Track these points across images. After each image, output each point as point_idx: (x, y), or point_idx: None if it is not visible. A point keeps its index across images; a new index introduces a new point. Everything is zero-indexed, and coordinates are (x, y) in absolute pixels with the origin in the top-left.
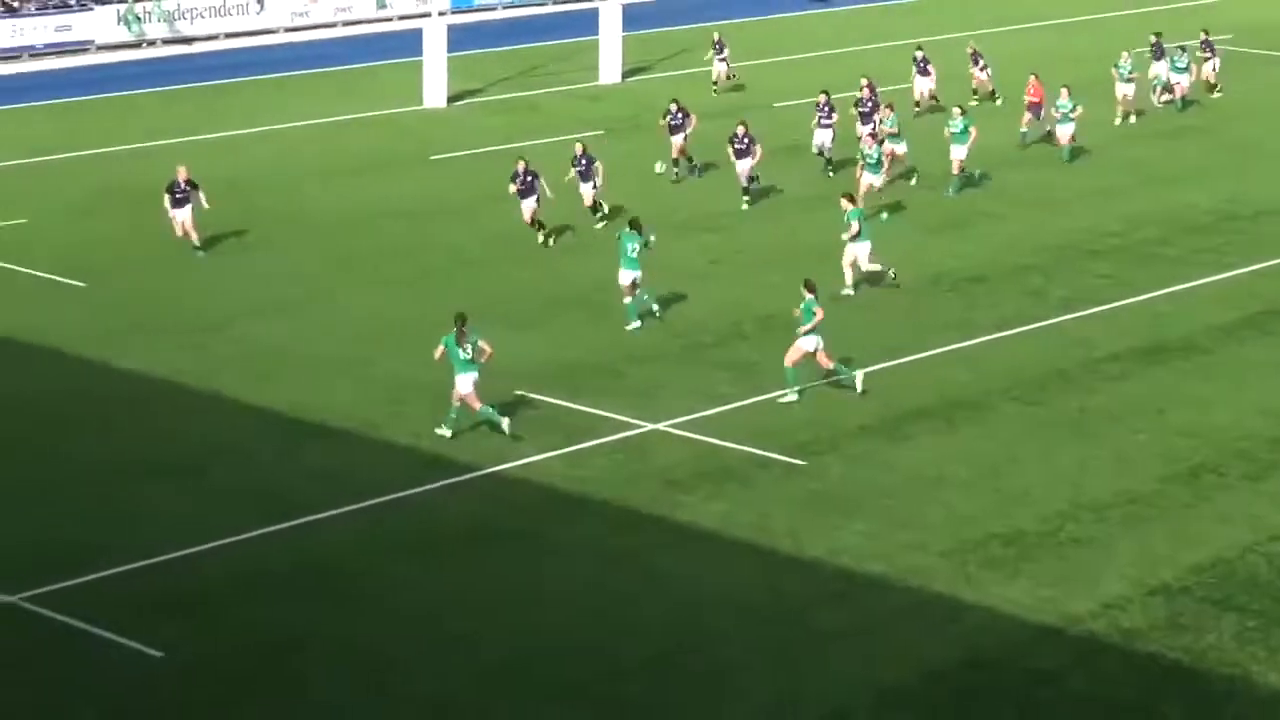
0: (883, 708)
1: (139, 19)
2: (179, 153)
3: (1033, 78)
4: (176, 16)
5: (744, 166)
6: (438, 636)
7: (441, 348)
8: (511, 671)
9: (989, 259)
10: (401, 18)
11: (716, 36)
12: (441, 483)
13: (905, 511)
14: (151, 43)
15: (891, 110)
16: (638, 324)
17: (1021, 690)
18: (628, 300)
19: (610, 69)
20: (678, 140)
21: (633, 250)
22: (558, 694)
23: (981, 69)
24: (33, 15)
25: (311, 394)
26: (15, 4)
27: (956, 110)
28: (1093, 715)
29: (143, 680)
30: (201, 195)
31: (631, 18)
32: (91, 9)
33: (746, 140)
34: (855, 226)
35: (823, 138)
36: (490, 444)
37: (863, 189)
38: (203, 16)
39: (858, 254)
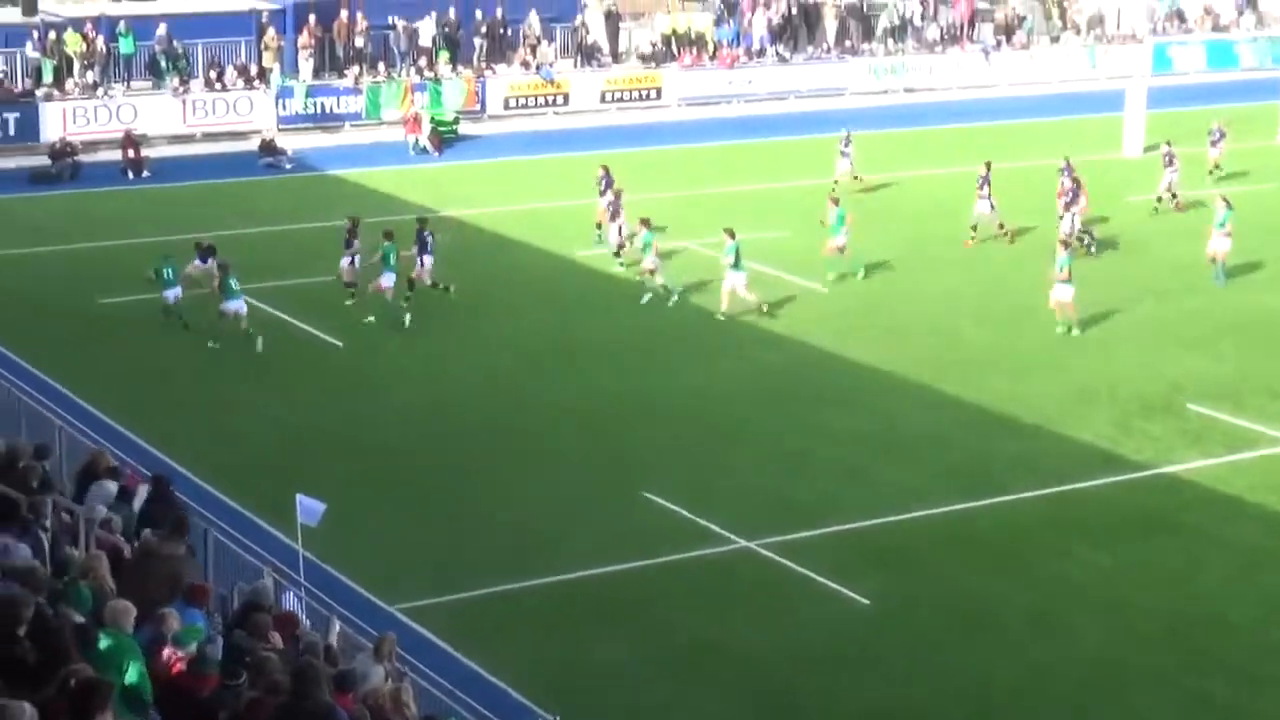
0: None
1: (888, 71)
2: (917, 184)
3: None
4: (914, 69)
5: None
6: (1105, 605)
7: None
8: (1168, 638)
9: None
10: (1109, 78)
11: (844, 133)
12: (1117, 477)
13: None
14: (894, 91)
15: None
16: None
17: None
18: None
19: None
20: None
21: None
22: (1202, 664)
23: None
24: (800, 65)
25: (1011, 390)
26: (787, 55)
27: (1221, 204)
28: None
29: (852, 622)
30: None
31: None
32: (847, 61)
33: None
34: (731, 257)
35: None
36: (1161, 447)
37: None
38: (933, 71)
39: (735, 284)
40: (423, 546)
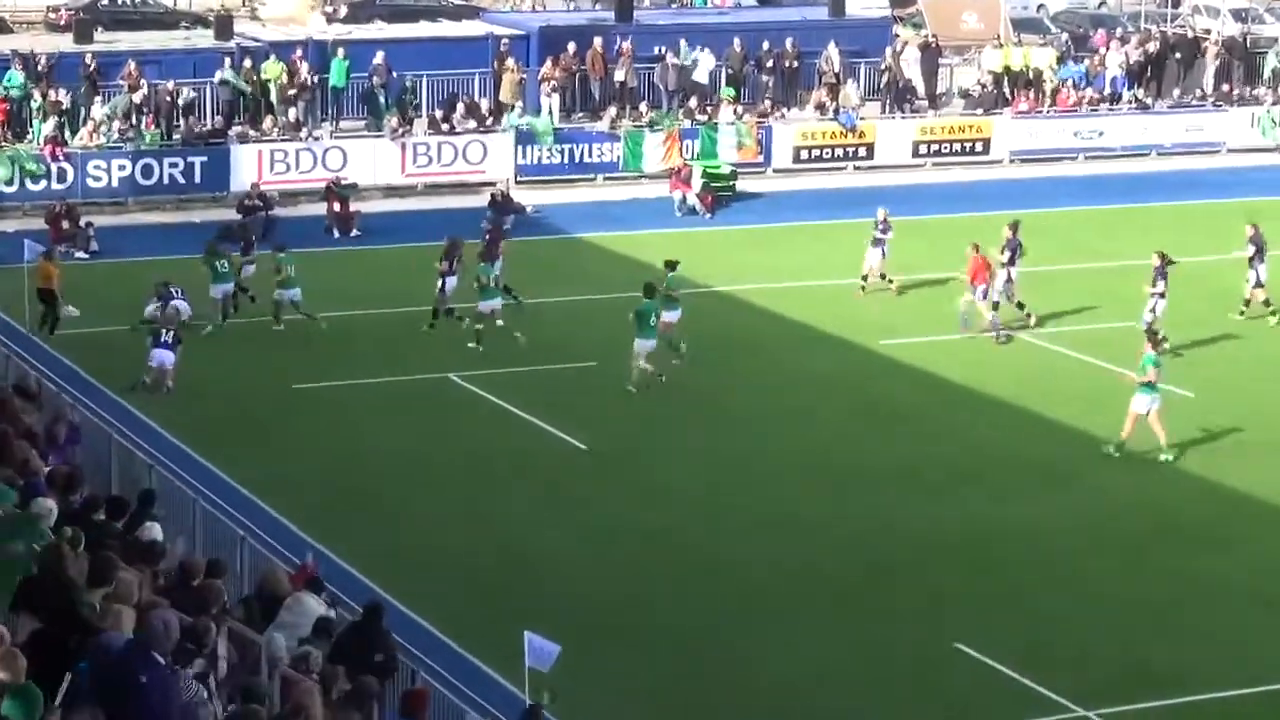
0: None
1: (1275, 124)
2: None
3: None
4: None
5: None
6: None
7: None
8: None
9: None
10: None
11: (882, 214)
12: None
13: None
14: None
15: None
16: None
17: None
18: None
19: None
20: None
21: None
22: None
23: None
24: (1164, 114)
25: None
26: (1148, 102)
27: None
28: None
29: None
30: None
31: None
32: (1225, 110)
33: None
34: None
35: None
36: None
37: None
38: None
39: (642, 349)
40: (675, 702)
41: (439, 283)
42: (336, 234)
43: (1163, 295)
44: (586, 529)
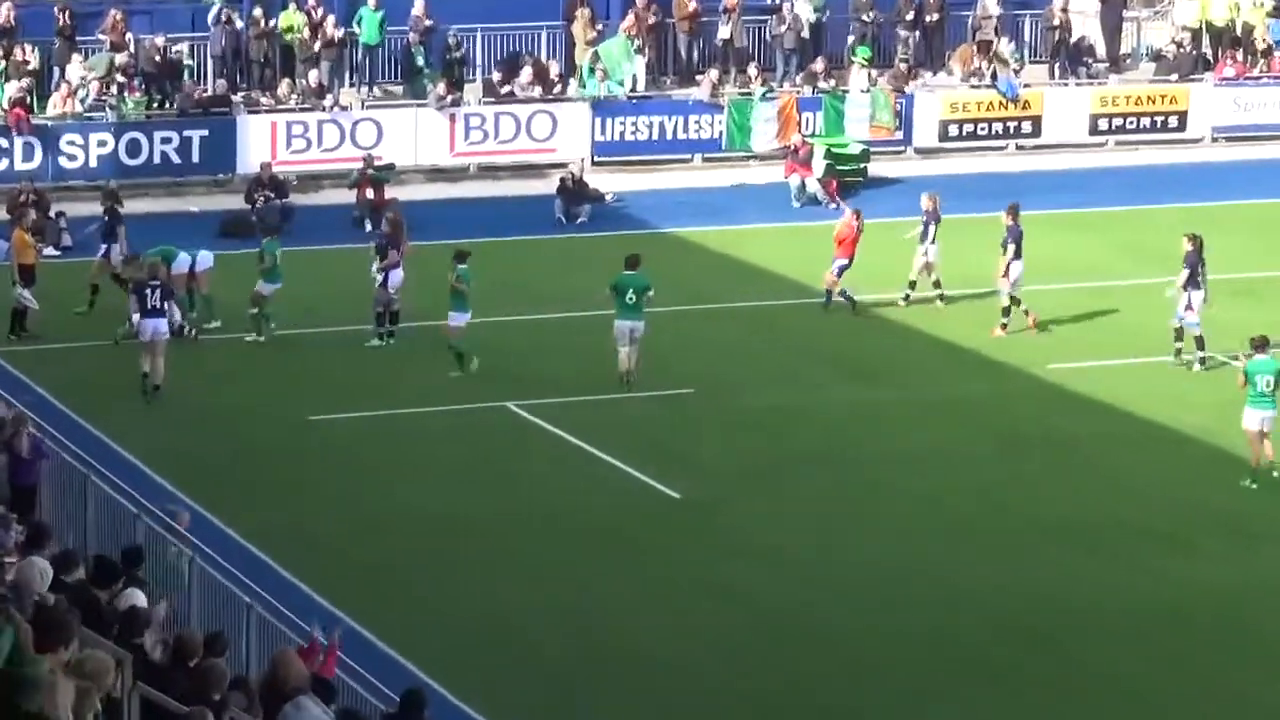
0: None
1: None
2: None
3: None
4: None
5: None
6: None
7: None
8: None
9: None
10: None
11: (929, 204)
12: None
13: None
14: None
15: None
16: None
17: None
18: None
19: None
20: None
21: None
22: None
23: None
24: None
25: None
26: None
27: None
28: None
29: None
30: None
31: None
32: None
33: None
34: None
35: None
36: None
37: None
38: None
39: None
40: None
41: (378, 279)
42: (369, 227)
43: (1197, 286)
44: (676, 598)
